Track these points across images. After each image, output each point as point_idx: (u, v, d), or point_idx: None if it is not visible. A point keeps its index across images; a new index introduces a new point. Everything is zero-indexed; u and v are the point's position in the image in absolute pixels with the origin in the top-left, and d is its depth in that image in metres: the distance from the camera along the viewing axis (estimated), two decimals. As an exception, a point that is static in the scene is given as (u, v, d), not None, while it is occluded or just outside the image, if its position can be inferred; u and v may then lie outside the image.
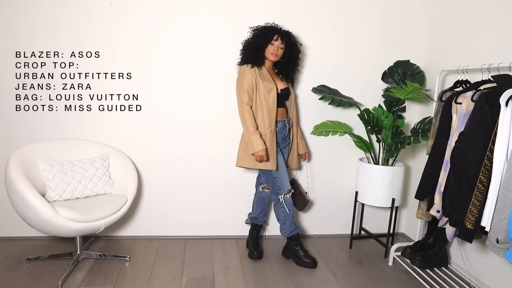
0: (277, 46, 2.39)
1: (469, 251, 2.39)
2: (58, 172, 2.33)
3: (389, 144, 2.60)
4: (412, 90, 2.46)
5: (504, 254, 1.63)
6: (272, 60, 2.44)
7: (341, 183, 3.02)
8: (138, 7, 2.60)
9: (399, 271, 2.50)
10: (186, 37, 2.67)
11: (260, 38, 2.38)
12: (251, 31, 2.47)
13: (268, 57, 2.42)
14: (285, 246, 2.62)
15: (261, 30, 2.41)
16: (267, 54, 2.42)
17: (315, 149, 2.94)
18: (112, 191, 2.52)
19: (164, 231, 2.89)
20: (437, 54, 2.76)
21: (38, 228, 2.14)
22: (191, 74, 2.72)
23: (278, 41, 2.39)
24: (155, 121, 2.74)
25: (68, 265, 2.35)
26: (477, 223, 1.74)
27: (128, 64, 2.66)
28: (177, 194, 2.85)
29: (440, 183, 2.01)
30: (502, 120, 1.66)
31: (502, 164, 1.65)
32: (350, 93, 2.89)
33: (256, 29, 2.44)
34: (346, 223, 3.07)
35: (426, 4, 2.87)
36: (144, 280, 2.27)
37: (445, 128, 2.06)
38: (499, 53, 2.17)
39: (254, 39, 2.41)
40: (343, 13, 2.80)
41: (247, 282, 2.29)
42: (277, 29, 2.41)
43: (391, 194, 2.61)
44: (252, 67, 2.40)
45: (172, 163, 2.80)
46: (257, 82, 2.38)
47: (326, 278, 2.38)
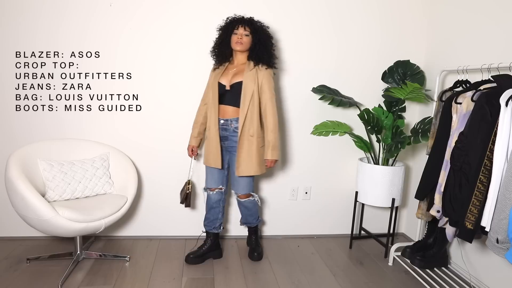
0: (241, 34, 2.31)
1: (469, 251, 2.39)
2: (58, 172, 2.33)
3: (389, 144, 2.60)
4: (412, 90, 2.46)
5: (504, 254, 1.63)
6: (238, 49, 2.33)
7: (341, 183, 3.02)
8: (138, 7, 2.60)
9: (399, 271, 2.50)
10: (185, 38, 2.67)
11: (223, 32, 2.37)
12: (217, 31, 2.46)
13: (234, 47, 2.34)
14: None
15: (223, 25, 2.40)
16: (233, 45, 2.34)
17: (315, 149, 2.94)
18: (112, 191, 2.52)
19: (164, 231, 2.89)
20: (437, 54, 2.76)
21: (38, 228, 2.14)
22: (191, 74, 2.72)
23: (241, 29, 2.32)
24: (155, 121, 2.74)
25: (68, 265, 2.35)
26: (477, 223, 1.74)
27: (128, 64, 2.66)
28: (177, 194, 2.85)
29: (440, 183, 2.01)
30: (502, 120, 1.66)
31: (502, 164, 1.65)
32: (350, 93, 2.90)
33: (220, 28, 2.44)
34: (346, 223, 3.07)
35: (426, 4, 2.87)
36: (144, 280, 2.27)
37: (445, 128, 2.06)
38: (499, 53, 2.17)
39: (219, 36, 2.41)
40: (343, 13, 2.80)
41: (247, 282, 2.29)
42: (237, 19, 2.37)
43: (391, 194, 2.61)
44: (218, 66, 2.42)
45: (172, 163, 2.80)
46: (210, 79, 2.43)
47: (326, 278, 2.38)
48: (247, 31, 2.32)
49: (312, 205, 3.02)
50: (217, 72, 2.41)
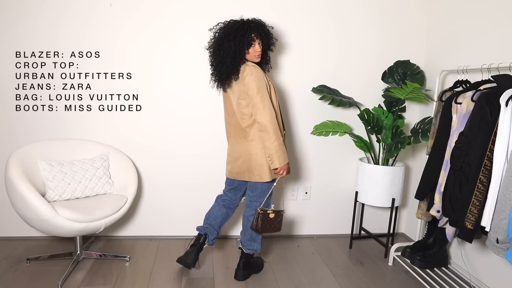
0: (259, 44, 2.09)
1: (469, 251, 2.39)
2: (58, 172, 2.33)
3: (389, 144, 2.60)
4: (412, 90, 2.46)
5: (504, 254, 1.63)
6: (257, 61, 2.14)
7: (341, 183, 3.02)
8: (138, 7, 2.60)
9: (399, 271, 2.50)
10: (185, 38, 2.67)
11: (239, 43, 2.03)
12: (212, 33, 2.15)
13: (253, 60, 2.12)
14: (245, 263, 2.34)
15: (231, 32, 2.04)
16: (252, 58, 2.11)
17: (315, 149, 2.94)
18: (112, 191, 2.52)
19: (164, 231, 2.89)
20: (437, 54, 2.76)
21: (38, 228, 2.14)
22: (191, 74, 2.72)
23: (257, 39, 2.08)
24: (155, 121, 2.74)
25: (68, 265, 2.35)
26: (477, 223, 1.74)
27: (128, 64, 2.66)
28: (177, 194, 2.85)
29: (440, 183, 2.01)
30: (502, 120, 1.66)
31: (502, 164, 1.65)
32: (350, 93, 2.90)
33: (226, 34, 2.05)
34: (346, 223, 3.07)
35: (426, 4, 2.87)
36: (144, 280, 2.27)
37: (445, 128, 2.06)
38: (499, 53, 2.17)
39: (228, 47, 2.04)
40: (343, 13, 2.80)
41: (247, 282, 2.29)
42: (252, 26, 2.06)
43: (391, 194, 2.61)
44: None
45: (172, 164, 2.80)
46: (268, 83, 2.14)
47: (326, 278, 2.38)
48: (261, 40, 2.10)
49: (312, 205, 3.02)
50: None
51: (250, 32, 2.05)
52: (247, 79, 2.03)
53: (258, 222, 2.16)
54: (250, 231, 2.27)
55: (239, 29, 2.04)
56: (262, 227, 2.17)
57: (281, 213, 2.24)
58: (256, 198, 2.24)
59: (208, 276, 2.35)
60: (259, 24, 2.10)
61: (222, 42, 2.06)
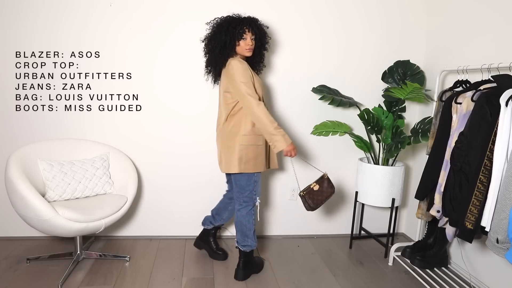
0: (250, 39, 2.14)
1: (469, 251, 2.39)
2: (58, 172, 2.33)
3: (389, 144, 2.60)
4: (412, 90, 2.46)
5: (504, 254, 1.63)
6: (248, 55, 2.19)
7: (341, 183, 3.02)
8: (138, 7, 2.60)
9: (399, 271, 2.50)
10: (186, 38, 2.67)
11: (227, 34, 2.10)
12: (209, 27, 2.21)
13: (243, 54, 2.17)
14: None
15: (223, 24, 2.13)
16: (242, 51, 2.15)
17: (315, 149, 2.94)
18: (112, 191, 2.52)
19: (164, 231, 2.89)
20: (437, 54, 2.76)
21: (38, 228, 2.14)
22: (191, 73, 2.72)
23: (249, 34, 2.13)
24: (155, 121, 2.74)
25: (68, 265, 2.35)
26: (477, 223, 1.74)
27: (128, 64, 2.66)
28: (177, 194, 2.85)
29: (440, 183, 2.01)
30: (502, 120, 1.66)
31: (502, 164, 1.65)
32: (350, 93, 2.90)
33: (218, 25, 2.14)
34: (346, 223, 3.07)
35: (426, 4, 2.87)
36: (144, 280, 2.27)
37: (445, 128, 2.06)
38: (499, 53, 2.17)
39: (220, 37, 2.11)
40: (343, 13, 2.80)
41: (247, 282, 2.29)
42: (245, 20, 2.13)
43: (391, 194, 2.61)
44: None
45: (172, 163, 2.80)
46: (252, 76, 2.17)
47: (326, 278, 2.38)
48: (253, 35, 2.17)
49: (312, 205, 3.02)
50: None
51: (243, 25, 2.12)
52: (231, 72, 2.10)
53: (308, 202, 2.17)
54: (240, 227, 2.26)
55: (232, 21, 2.13)
56: (315, 202, 2.20)
57: (324, 177, 2.26)
58: (238, 194, 2.25)
59: (208, 276, 2.35)
60: (253, 20, 2.18)
61: (215, 32, 2.16)
